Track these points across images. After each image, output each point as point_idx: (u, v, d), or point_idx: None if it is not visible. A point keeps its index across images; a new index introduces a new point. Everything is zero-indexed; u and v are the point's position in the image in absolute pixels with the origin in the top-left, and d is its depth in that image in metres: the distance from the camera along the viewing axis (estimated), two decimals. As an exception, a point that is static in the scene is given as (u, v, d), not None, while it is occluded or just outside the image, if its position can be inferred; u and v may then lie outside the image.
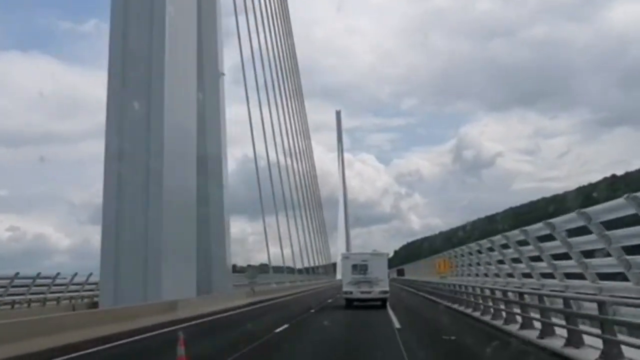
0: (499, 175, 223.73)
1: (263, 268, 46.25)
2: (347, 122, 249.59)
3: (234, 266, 43.11)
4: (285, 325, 17.68)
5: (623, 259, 11.63)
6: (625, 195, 10.50)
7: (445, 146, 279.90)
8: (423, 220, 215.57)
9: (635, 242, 11.43)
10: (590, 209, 12.41)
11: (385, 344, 13.20)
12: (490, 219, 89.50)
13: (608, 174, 79.21)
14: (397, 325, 17.79)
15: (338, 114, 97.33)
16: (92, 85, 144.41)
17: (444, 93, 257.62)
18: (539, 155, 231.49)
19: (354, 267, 27.18)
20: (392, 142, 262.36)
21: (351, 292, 26.90)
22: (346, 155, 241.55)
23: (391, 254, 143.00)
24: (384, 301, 26.69)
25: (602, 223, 12.19)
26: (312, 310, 25.62)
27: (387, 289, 27.03)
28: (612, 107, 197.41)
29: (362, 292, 26.65)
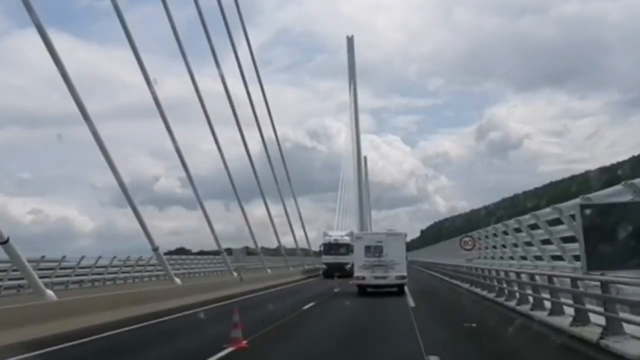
0: (526, 157, 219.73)
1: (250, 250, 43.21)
2: (372, 102, 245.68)
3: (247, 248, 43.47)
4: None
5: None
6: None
7: (472, 128, 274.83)
8: (449, 202, 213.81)
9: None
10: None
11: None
12: (513, 199, 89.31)
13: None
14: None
15: (350, 40, 79.74)
16: (111, 64, 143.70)
17: (471, 72, 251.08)
18: (566, 136, 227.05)
19: (367, 248, 24.57)
20: (418, 123, 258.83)
21: (364, 278, 24.46)
22: (372, 137, 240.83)
23: (417, 235, 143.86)
24: (401, 287, 24.41)
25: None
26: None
27: (405, 273, 24.63)
28: None
29: (377, 278, 24.24)
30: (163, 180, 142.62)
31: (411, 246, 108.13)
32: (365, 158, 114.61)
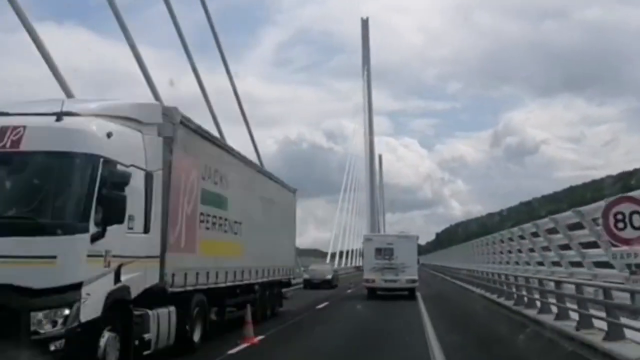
0: (542, 163, 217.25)
1: None
2: (390, 105, 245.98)
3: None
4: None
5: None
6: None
7: (490, 132, 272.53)
8: (464, 206, 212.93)
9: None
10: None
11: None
12: (527, 205, 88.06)
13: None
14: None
15: (365, 22, 73.31)
16: (127, 59, 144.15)
17: (490, 76, 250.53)
18: (584, 143, 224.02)
19: (378, 251, 23.95)
20: (435, 127, 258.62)
21: (373, 281, 23.83)
22: (389, 139, 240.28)
23: (432, 238, 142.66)
24: (411, 291, 23.78)
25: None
26: None
27: (416, 277, 23.96)
28: None
29: (386, 281, 23.61)
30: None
31: (426, 249, 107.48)
32: (380, 157, 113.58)
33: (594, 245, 14.73)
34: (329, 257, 58.82)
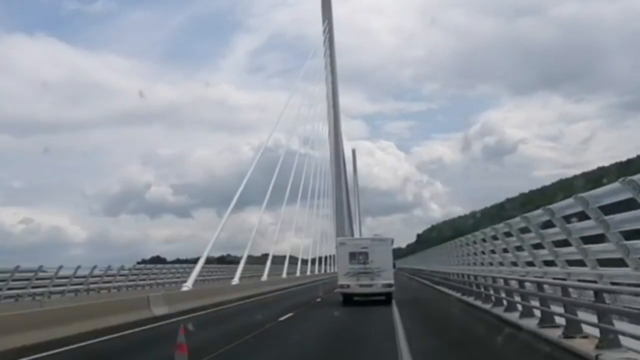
0: (521, 162, 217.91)
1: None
2: (366, 107, 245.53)
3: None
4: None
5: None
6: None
7: (467, 133, 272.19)
8: (444, 208, 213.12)
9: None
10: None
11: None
12: (500, 206, 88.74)
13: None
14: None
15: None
16: (101, 69, 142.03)
17: (466, 76, 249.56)
18: (561, 141, 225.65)
19: (352, 255, 23.17)
20: (412, 129, 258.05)
21: (348, 286, 23.07)
22: (365, 143, 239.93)
23: (412, 240, 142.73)
24: (388, 296, 23.04)
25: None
26: None
27: (392, 281, 23.26)
28: (638, 90, 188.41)
29: (362, 286, 22.89)
30: (154, 188, 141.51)
31: (405, 253, 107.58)
32: (353, 151, 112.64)
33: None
34: (299, 263, 58.58)
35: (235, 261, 48.65)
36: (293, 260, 55.93)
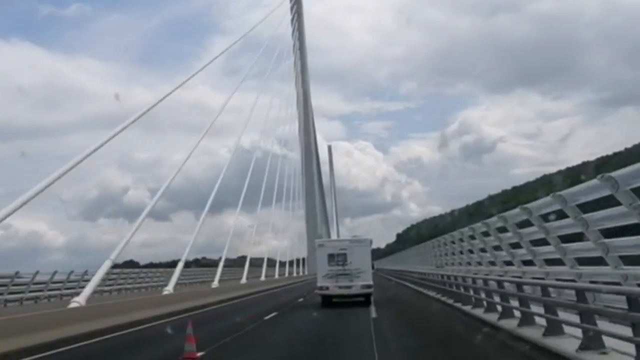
0: (500, 160, 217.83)
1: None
2: (344, 107, 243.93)
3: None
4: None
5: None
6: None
7: (444, 132, 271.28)
8: (423, 208, 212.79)
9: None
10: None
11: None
12: (478, 205, 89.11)
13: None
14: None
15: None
16: (77, 73, 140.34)
17: (444, 74, 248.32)
18: (540, 139, 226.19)
19: (331, 257, 23.19)
20: (389, 129, 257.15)
21: (327, 288, 23.09)
22: (343, 144, 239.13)
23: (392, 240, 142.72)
24: (367, 297, 23.22)
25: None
26: None
27: (371, 282, 23.32)
28: (616, 86, 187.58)
29: (341, 287, 22.97)
30: (132, 191, 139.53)
31: (385, 252, 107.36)
32: (329, 148, 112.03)
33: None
34: (277, 266, 58.24)
35: (211, 264, 47.90)
36: (271, 262, 55.40)
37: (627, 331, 7.65)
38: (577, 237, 12.70)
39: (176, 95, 26.53)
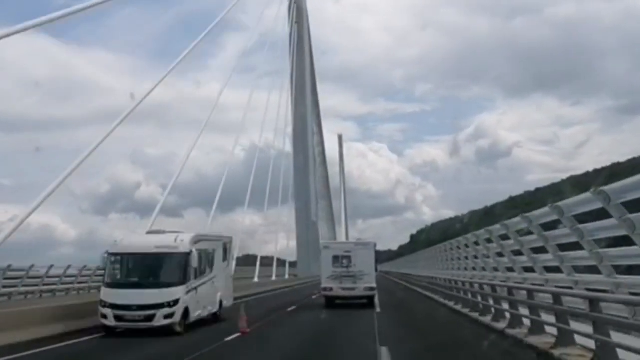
0: (515, 166, 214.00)
1: None
2: (358, 108, 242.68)
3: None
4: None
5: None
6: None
7: (460, 136, 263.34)
8: (436, 211, 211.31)
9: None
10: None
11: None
12: (488, 210, 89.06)
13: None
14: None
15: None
16: (90, 66, 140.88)
17: (460, 77, 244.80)
18: (556, 145, 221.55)
19: (335, 258, 23.85)
20: (404, 132, 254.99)
21: (331, 289, 23.75)
22: (357, 145, 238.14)
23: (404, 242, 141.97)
24: (370, 299, 23.86)
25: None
26: None
27: (374, 285, 23.88)
28: (635, 93, 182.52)
29: (345, 289, 23.55)
30: (144, 187, 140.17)
31: (398, 254, 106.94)
32: (339, 137, 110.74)
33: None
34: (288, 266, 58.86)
35: None
36: (279, 262, 56.30)
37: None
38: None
39: (190, 92, 27.48)
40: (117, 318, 15.14)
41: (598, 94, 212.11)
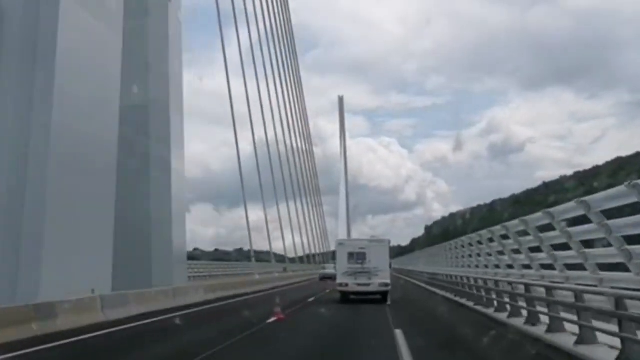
0: (528, 162, 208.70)
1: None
2: (369, 101, 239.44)
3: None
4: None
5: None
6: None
7: (472, 130, 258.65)
8: (446, 207, 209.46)
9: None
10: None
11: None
12: (491, 206, 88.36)
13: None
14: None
15: None
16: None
17: (473, 69, 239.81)
18: (570, 140, 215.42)
19: (350, 255, 24.51)
20: (415, 127, 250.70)
21: (346, 285, 24.57)
22: (367, 140, 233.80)
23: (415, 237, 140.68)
24: (384, 295, 24.41)
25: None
26: None
27: (388, 281, 24.59)
28: None
29: (359, 285, 24.25)
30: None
31: (408, 250, 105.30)
32: (340, 98, 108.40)
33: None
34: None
35: (225, 259, 50.44)
36: (280, 258, 56.55)
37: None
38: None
39: (196, 85, 27.24)
40: None
41: (615, 87, 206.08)
